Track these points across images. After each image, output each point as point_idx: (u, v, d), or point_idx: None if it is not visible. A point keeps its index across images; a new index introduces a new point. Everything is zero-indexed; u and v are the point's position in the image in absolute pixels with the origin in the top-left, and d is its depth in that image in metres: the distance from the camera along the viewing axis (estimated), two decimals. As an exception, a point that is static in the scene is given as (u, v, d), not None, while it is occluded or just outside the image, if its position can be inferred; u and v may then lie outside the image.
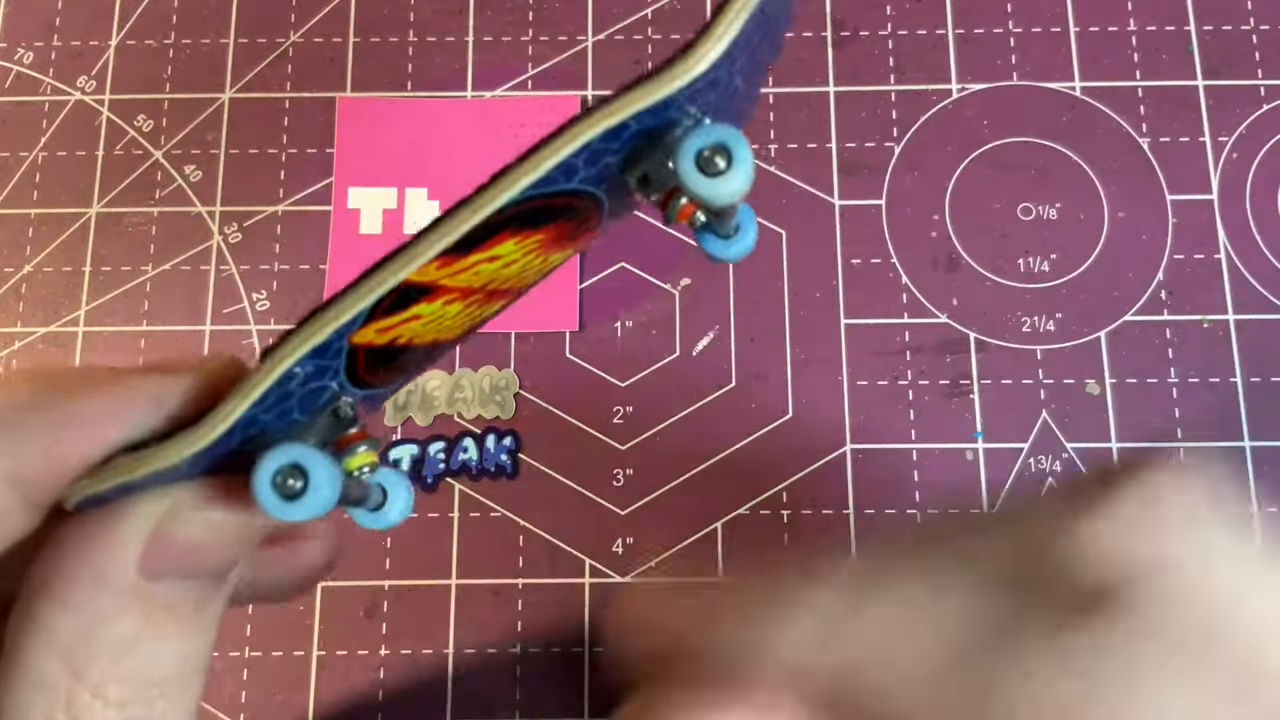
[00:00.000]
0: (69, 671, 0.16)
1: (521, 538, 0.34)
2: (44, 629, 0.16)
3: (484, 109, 0.38)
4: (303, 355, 0.15)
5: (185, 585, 0.17)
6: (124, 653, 0.16)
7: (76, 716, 0.16)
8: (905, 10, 0.39)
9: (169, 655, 0.17)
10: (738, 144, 0.15)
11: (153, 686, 0.17)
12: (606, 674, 0.18)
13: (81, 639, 0.16)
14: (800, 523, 0.34)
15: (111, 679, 0.16)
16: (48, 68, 0.39)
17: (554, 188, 0.16)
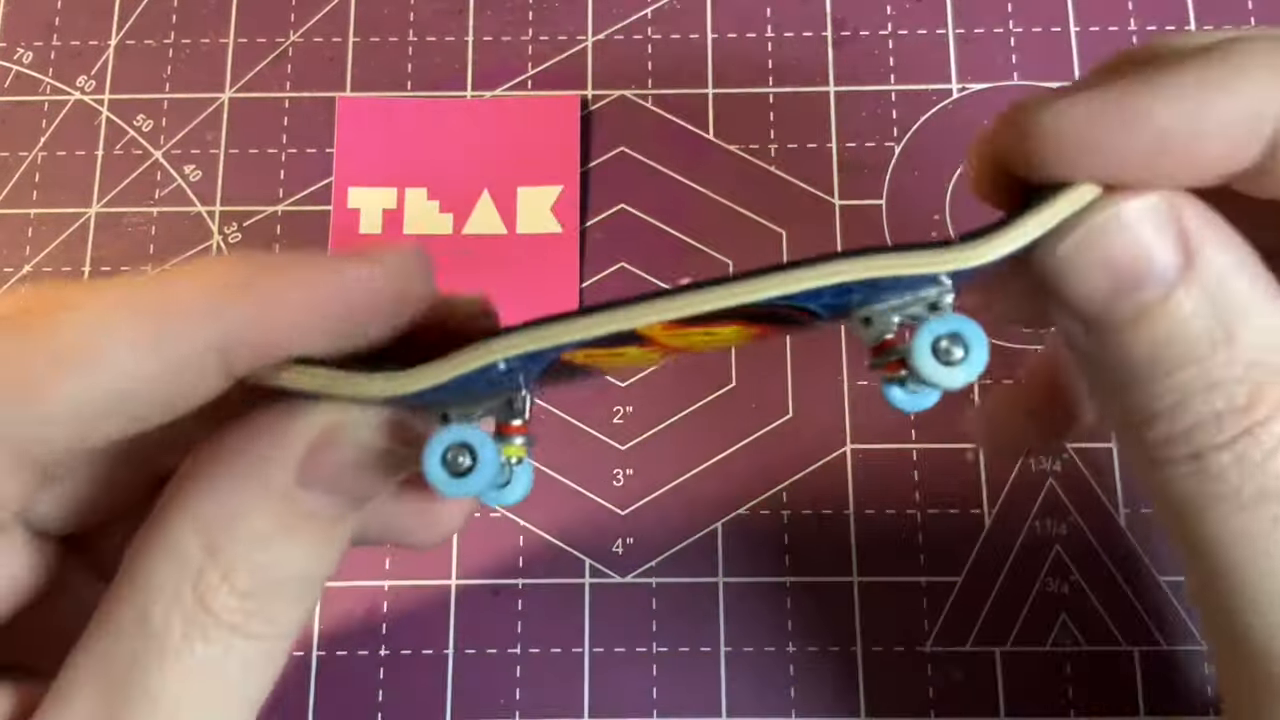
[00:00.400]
0: (204, 548, 0.17)
1: (521, 538, 0.34)
2: (189, 503, 0.17)
3: (484, 109, 0.38)
4: (523, 353, 0.16)
5: (329, 500, 0.18)
6: (258, 547, 0.17)
7: (202, 594, 0.17)
8: (905, 10, 0.39)
9: (296, 560, 0.18)
10: (976, 338, 0.16)
11: (275, 585, 0.17)
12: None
13: (224, 523, 0.17)
14: (800, 523, 0.34)
15: (242, 568, 0.17)
16: (47, 67, 0.39)
17: (799, 302, 0.17)
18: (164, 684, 0.16)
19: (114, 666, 0.16)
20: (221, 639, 0.17)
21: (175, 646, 0.17)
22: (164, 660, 0.17)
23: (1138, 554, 0.34)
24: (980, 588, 0.34)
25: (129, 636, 0.17)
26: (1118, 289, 0.16)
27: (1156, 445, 0.17)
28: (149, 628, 0.17)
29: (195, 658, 0.17)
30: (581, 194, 0.37)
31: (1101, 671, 0.33)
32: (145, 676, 0.16)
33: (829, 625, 0.33)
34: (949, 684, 0.33)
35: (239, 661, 0.17)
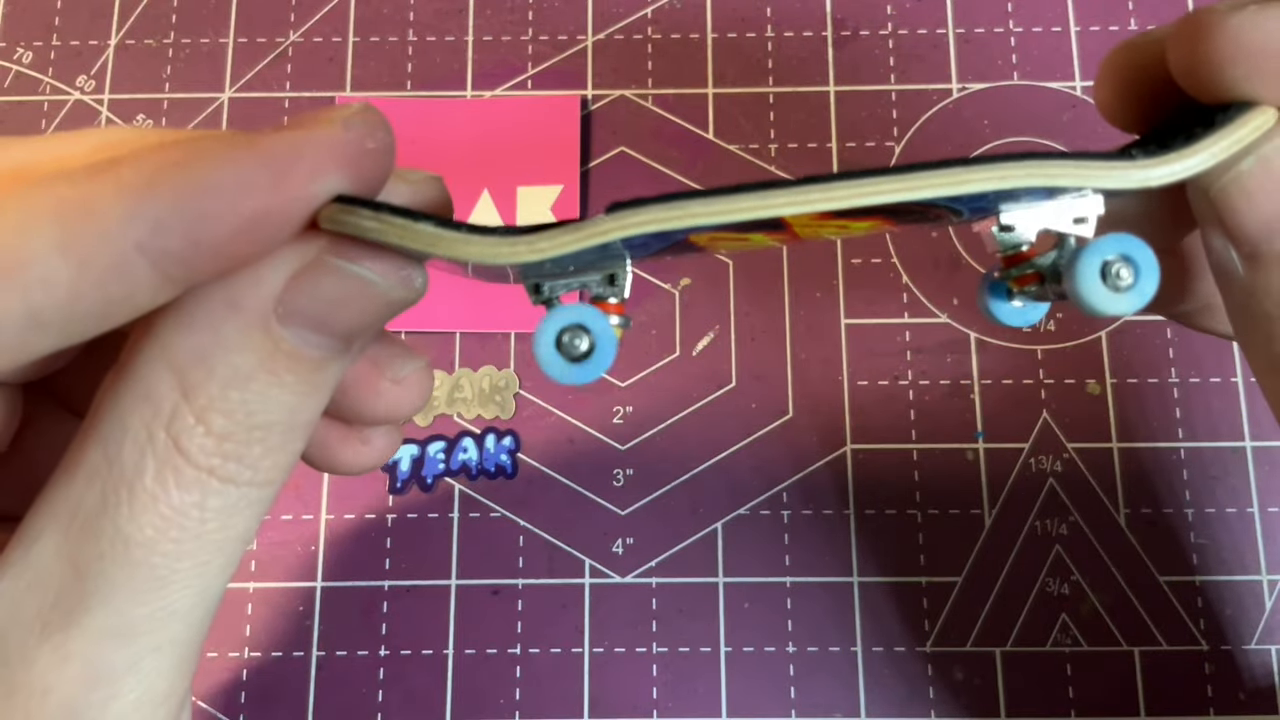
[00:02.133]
0: (178, 388, 0.16)
1: (521, 538, 0.34)
2: (162, 342, 0.16)
3: (484, 109, 0.38)
4: (658, 230, 0.15)
5: (313, 339, 0.16)
6: (235, 386, 0.16)
7: (176, 435, 0.16)
8: (906, 10, 0.39)
9: (278, 403, 0.16)
10: (1148, 262, 0.15)
11: (255, 429, 0.16)
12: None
13: (197, 360, 0.16)
14: (800, 523, 0.34)
15: (218, 408, 0.16)
16: (47, 67, 0.39)
17: (954, 204, 0.16)
18: (136, 527, 0.15)
19: (83, 508, 0.16)
20: (197, 482, 0.16)
21: (148, 489, 0.16)
22: (135, 503, 0.16)
23: (1138, 554, 0.34)
24: (980, 588, 0.34)
25: (99, 478, 0.16)
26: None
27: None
28: (120, 470, 0.16)
29: (169, 501, 0.16)
30: (581, 194, 0.37)
31: (1102, 672, 0.33)
32: (115, 519, 0.15)
33: (829, 625, 0.33)
34: (949, 684, 0.33)
35: (217, 507, 0.16)
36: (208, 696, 0.33)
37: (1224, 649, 0.33)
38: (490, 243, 0.15)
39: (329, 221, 0.16)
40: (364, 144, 0.16)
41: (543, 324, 0.15)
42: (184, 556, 0.16)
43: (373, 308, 0.17)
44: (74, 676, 0.15)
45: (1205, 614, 0.33)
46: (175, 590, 0.16)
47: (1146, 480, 0.34)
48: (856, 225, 0.17)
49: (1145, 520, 0.34)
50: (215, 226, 0.15)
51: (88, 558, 0.15)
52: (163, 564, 0.16)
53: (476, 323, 0.36)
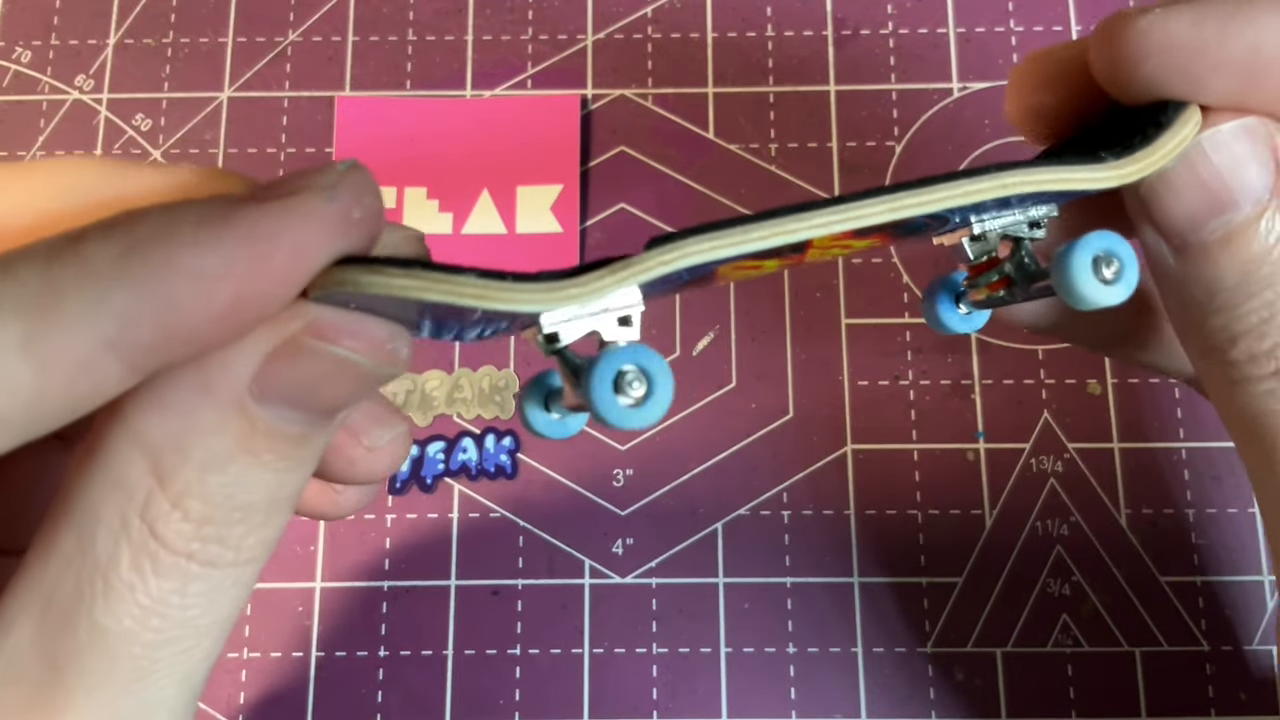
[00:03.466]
0: (152, 473, 0.15)
1: (521, 538, 0.34)
2: (134, 427, 0.15)
3: (483, 108, 0.38)
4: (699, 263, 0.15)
5: (292, 416, 0.15)
6: (213, 470, 0.15)
7: (152, 522, 0.15)
8: (906, 9, 0.38)
9: (258, 483, 0.16)
10: (1129, 254, 0.16)
11: (235, 510, 0.15)
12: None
13: (171, 445, 0.15)
14: (800, 523, 0.34)
15: (195, 493, 0.15)
16: (46, 66, 0.39)
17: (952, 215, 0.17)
18: (114, 618, 0.15)
19: (56, 598, 0.15)
20: (176, 569, 0.15)
21: (124, 578, 0.15)
22: (111, 593, 0.15)
23: (1139, 554, 0.34)
24: (981, 588, 0.33)
25: (72, 567, 0.15)
26: (1211, 209, 0.17)
27: (1238, 364, 0.17)
28: (94, 558, 0.15)
29: (147, 591, 0.15)
30: (581, 193, 0.37)
31: (1103, 672, 0.33)
32: (91, 610, 0.15)
33: (829, 626, 0.33)
34: (950, 685, 0.33)
35: (199, 592, 0.15)
36: (207, 697, 0.33)
37: (1225, 649, 0.33)
38: (538, 289, 0.14)
39: (325, 287, 0.15)
40: (350, 214, 0.15)
41: (597, 368, 0.15)
42: (166, 645, 0.15)
43: (354, 385, 0.16)
44: None
45: (1206, 614, 0.33)
46: (159, 680, 0.15)
47: (1147, 480, 0.34)
48: (859, 244, 0.18)
49: (1146, 520, 0.34)
50: (190, 315, 0.14)
51: (65, 651, 0.15)
52: (144, 655, 0.15)
53: (476, 323, 0.36)
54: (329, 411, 0.16)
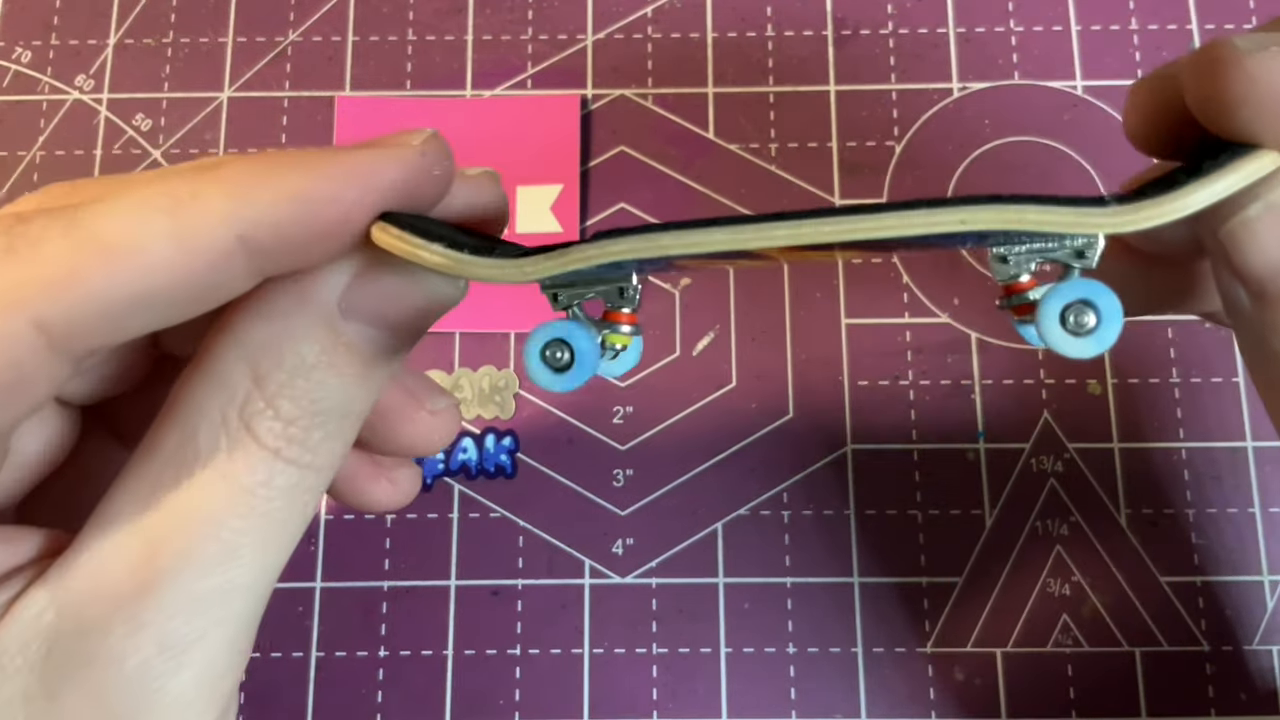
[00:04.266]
0: (251, 376, 0.17)
1: (521, 538, 0.34)
2: (237, 335, 0.18)
3: (483, 108, 0.38)
4: (640, 259, 0.16)
5: (370, 333, 0.18)
6: (301, 373, 0.18)
7: (248, 418, 0.17)
8: (906, 9, 0.38)
9: (337, 391, 0.18)
10: (1110, 308, 0.15)
11: (317, 415, 0.18)
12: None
13: (268, 349, 0.17)
14: (800, 523, 0.34)
15: (286, 394, 0.17)
16: (46, 66, 0.39)
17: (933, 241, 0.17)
18: (208, 501, 0.17)
19: (159, 487, 0.17)
20: (264, 462, 0.17)
21: (220, 468, 0.17)
22: (208, 480, 0.17)
23: (1139, 554, 0.34)
24: (981, 588, 0.33)
25: (174, 460, 0.17)
26: None
27: None
28: (194, 450, 0.17)
29: (239, 480, 0.17)
30: (581, 193, 0.37)
31: (1103, 672, 0.33)
32: (190, 495, 0.17)
33: (829, 626, 0.33)
34: (950, 685, 0.33)
35: (281, 486, 0.18)
36: (207, 697, 0.33)
37: (1225, 649, 0.33)
38: (487, 264, 0.17)
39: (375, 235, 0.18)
40: (432, 170, 0.19)
41: (530, 337, 0.17)
42: (250, 531, 0.17)
43: (424, 303, 0.19)
44: (145, 646, 0.16)
45: (1206, 614, 0.33)
46: (240, 564, 0.17)
47: (1148, 480, 0.34)
48: (841, 255, 0.18)
49: (1146, 520, 0.34)
50: (305, 227, 0.17)
51: (162, 533, 0.17)
52: (231, 538, 0.17)
53: (476, 323, 0.36)
54: (400, 330, 0.19)
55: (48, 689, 0.16)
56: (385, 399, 0.22)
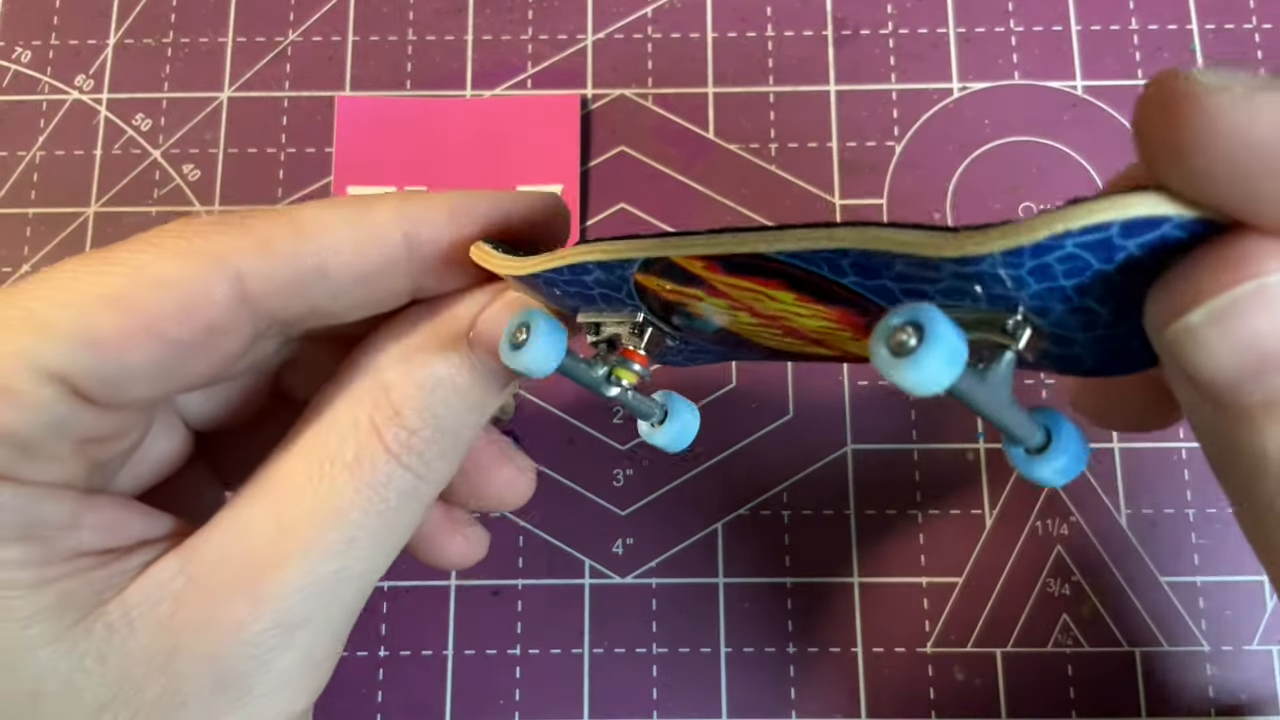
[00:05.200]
0: (383, 385, 0.20)
1: (521, 538, 0.34)
2: (376, 347, 0.21)
3: (483, 108, 0.38)
4: (590, 261, 0.18)
5: (489, 363, 0.20)
6: (428, 389, 0.20)
7: (378, 424, 0.19)
8: (906, 9, 0.38)
9: (456, 411, 0.20)
10: (936, 329, 0.13)
11: (436, 430, 0.20)
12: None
13: (402, 362, 0.20)
14: (800, 523, 0.34)
15: (412, 405, 0.20)
16: (45, 66, 0.39)
17: (813, 269, 0.16)
18: (334, 494, 0.19)
19: (292, 478, 0.19)
20: (387, 465, 0.19)
21: (349, 464, 0.19)
22: (336, 475, 0.19)
23: (1139, 554, 0.34)
24: (981, 588, 0.33)
25: (308, 455, 0.19)
26: (1254, 369, 0.13)
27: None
28: (327, 448, 0.19)
29: (364, 477, 0.19)
30: (581, 193, 0.37)
31: (1103, 673, 0.33)
32: (319, 487, 0.19)
33: (829, 626, 0.33)
34: (950, 685, 0.33)
35: (398, 490, 0.19)
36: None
37: (1225, 649, 0.33)
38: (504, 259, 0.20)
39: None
40: (546, 213, 0.22)
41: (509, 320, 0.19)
42: (367, 525, 0.19)
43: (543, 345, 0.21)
44: (264, 618, 0.18)
45: (1207, 614, 0.33)
46: (357, 554, 0.19)
47: (1148, 480, 0.34)
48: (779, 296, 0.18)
49: (1146, 520, 0.34)
50: (457, 229, 0.20)
51: (291, 518, 0.19)
52: (351, 530, 0.19)
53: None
54: (507, 377, 0.21)
55: (168, 646, 0.18)
56: (479, 452, 0.24)
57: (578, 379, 0.20)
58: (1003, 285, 0.14)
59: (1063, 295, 0.14)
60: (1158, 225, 0.13)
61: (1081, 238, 0.13)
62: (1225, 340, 0.13)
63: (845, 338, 0.19)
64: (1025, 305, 0.14)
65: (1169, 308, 0.14)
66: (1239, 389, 0.14)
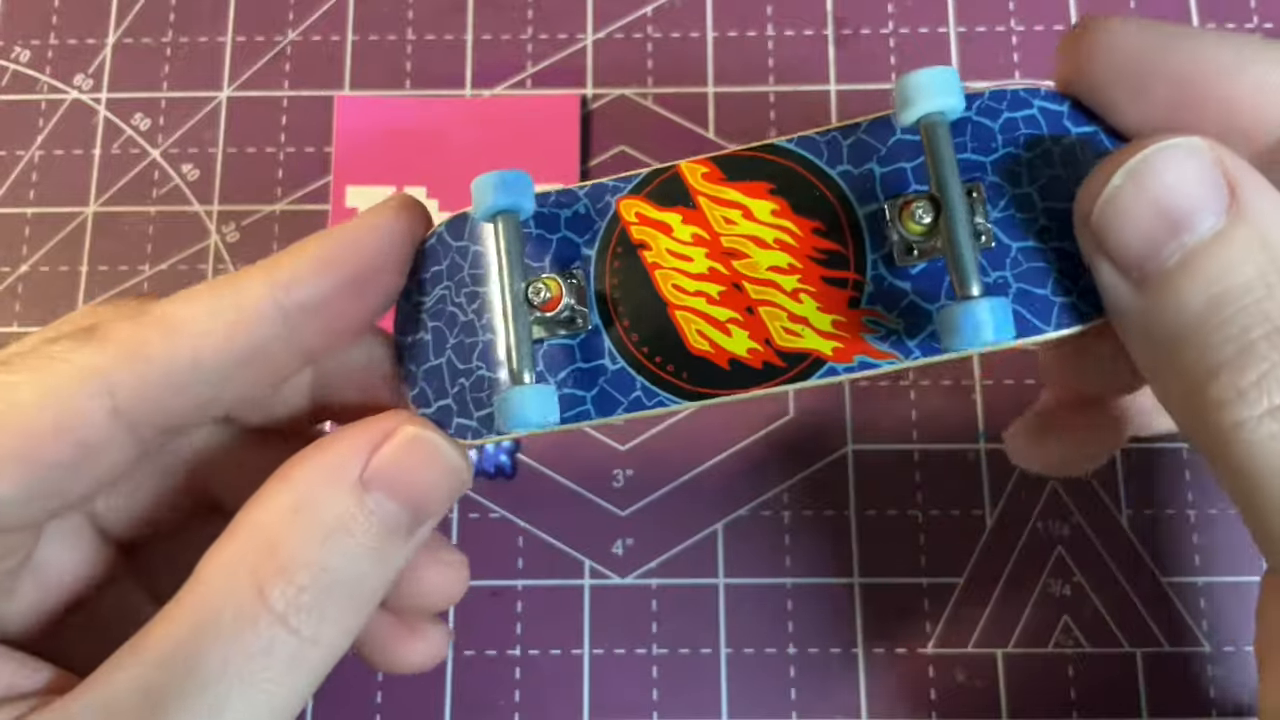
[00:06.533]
0: (268, 541, 0.18)
1: (521, 539, 0.34)
2: (260, 501, 0.18)
3: (483, 107, 0.38)
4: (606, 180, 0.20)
5: (389, 507, 0.19)
6: (317, 542, 0.18)
7: (261, 581, 0.18)
8: (907, 8, 0.38)
9: (350, 566, 0.18)
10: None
11: (329, 587, 0.18)
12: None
13: (287, 516, 0.18)
14: (801, 523, 0.34)
15: (300, 561, 0.18)
16: (44, 66, 0.39)
17: (814, 157, 0.20)
18: (207, 659, 0.17)
19: (166, 642, 0.17)
20: (269, 628, 0.17)
21: (227, 627, 0.17)
22: (213, 638, 0.17)
23: (1140, 555, 0.33)
24: (982, 589, 0.33)
25: (190, 615, 0.17)
26: (1168, 229, 0.16)
27: (1226, 404, 0.15)
28: (208, 607, 0.17)
29: (242, 641, 0.17)
30: (581, 193, 0.37)
31: (1104, 673, 0.33)
32: (193, 651, 0.17)
33: (830, 627, 0.33)
34: (950, 686, 0.33)
35: (281, 657, 0.17)
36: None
37: (1227, 650, 0.33)
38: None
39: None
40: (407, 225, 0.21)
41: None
42: (240, 698, 0.17)
43: (446, 481, 0.19)
44: None
45: (1208, 615, 0.33)
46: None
47: (1149, 481, 0.34)
48: (763, 220, 0.20)
49: (1147, 520, 0.34)
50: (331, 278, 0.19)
51: (160, 684, 0.17)
52: (223, 696, 0.17)
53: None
54: (420, 507, 0.19)
55: None
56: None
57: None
58: (966, 143, 0.18)
59: (1015, 159, 0.18)
60: (1062, 101, 0.18)
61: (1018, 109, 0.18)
62: (1140, 199, 0.16)
63: (787, 287, 0.19)
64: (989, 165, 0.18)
65: (1093, 186, 0.17)
66: (1158, 254, 0.16)
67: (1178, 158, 0.16)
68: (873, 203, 0.19)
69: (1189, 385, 0.16)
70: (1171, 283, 0.16)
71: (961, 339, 0.16)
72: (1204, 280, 0.16)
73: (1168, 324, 0.16)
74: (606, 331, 0.20)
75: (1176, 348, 0.16)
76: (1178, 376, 0.16)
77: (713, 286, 0.19)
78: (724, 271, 0.19)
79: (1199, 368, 0.16)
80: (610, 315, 0.20)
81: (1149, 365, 0.17)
